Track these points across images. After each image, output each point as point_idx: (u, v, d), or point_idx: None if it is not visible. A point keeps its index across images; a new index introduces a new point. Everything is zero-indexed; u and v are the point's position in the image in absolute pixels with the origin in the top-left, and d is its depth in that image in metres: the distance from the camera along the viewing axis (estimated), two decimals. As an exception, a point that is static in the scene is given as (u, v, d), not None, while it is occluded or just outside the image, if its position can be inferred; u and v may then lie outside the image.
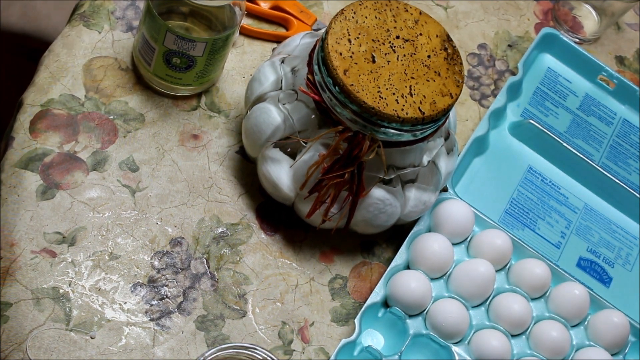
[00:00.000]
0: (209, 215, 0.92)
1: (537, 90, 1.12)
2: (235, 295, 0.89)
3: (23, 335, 0.82)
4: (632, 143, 1.13)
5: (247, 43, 1.03)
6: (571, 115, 1.12)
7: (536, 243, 1.02)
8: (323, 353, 0.89)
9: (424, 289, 0.91)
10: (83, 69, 0.96)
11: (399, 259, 0.93)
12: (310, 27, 1.05)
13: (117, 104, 0.95)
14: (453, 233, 0.95)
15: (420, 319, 0.91)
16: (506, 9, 1.17)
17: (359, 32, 0.84)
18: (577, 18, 1.18)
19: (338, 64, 0.81)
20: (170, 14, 0.91)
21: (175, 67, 0.92)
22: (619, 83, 1.14)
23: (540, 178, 1.07)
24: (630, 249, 1.06)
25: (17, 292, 0.83)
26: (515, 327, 0.93)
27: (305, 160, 0.86)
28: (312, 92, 0.84)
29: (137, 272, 0.87)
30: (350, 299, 0.93)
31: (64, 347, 0.82)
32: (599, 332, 0.95)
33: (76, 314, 0.84)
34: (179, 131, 0.95)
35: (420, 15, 0.87)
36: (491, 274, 0.93)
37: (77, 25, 0.98)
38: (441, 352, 0.90)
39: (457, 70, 0.85)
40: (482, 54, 1.13)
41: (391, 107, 0.81)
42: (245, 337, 0.87)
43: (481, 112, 1.09)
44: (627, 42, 1.22)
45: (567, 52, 1.14)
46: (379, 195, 0.87)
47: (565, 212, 1.06)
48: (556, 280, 0.97)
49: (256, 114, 0.89)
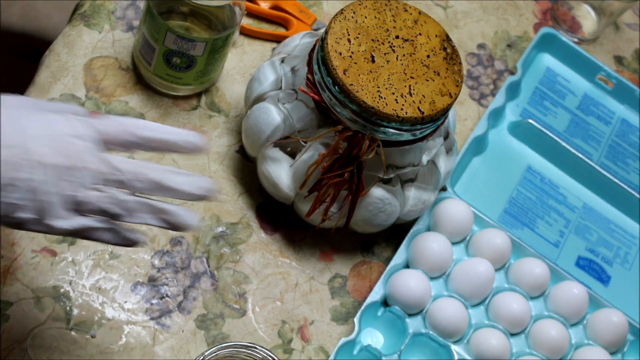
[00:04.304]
0: (208, 214, 0.92)
1: (536, 90, 1.12)
2: (235, 294, 0.89)
3: (24, 334, 0.82)
4: (630, 142, 1.13)
5: (247, 43, 1.04)
6: (570, 115, 1.12)
7: (535, 242, 1.02)
8: (323, 352, 0.89)
9: (424, 288, 0.91)
10: (84, 68, 0.96)
11: (398, 258, 0.93)
12: (310, 26, 1.05)
13: (117, 104, 0.95)
14: (452, 232, 0.95)
15: (419, 318, 0.91)
16: (505, 8, 1.17)
17: (359, 32, 0.84)
18: (576, 18, 1.18)
19: (338, 63, 0.81)
20: (171, 13, 0.91)
21: (176, 66, 0.92)
22: (618, 83, 1.14)
23: (539, 177, 1.07)
24: (629, 248, 1.06)
25: (18, 291, 0.83)
26: (515, 326, 0.93)
27: (305, 160, 0.86)
28: (311, 91, 0.84)
29: (137, 271, 0.87)
30: (350, 298, 0.93)
31: (64, 346, 0.82)
32: (598, 331, 0.95)
33: (76, 313, 0.84)
34: (179, 131, 0.96)
35: (419, 15, 0.87)
36: (490, 273, 0.93)
37: (77, 25, 0.98)
38: (440, 351, 0.90)
39: (456, 69, 0.85)
40: (482, 53, 1.13)
41: (390, 107, 0.81)
42: (245, 336, 0.87)
43: (480, 112, 1.09)
44: (626, 41, 1.22)
45: (566, 51, 1.14)
46: (379, 194, 0.87)
47: (564, 212, 1.06)
48: (555, 279, 0.97)
49: (256, 114, 0.89)
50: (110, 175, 0.64)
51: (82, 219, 0.64)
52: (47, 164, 0.62)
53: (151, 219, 0.66)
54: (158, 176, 0.65)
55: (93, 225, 0.65)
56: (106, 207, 0.64)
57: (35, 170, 0.62)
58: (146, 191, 0.66)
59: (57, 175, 0.62)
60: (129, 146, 0.65)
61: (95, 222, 0.65)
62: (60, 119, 0.64)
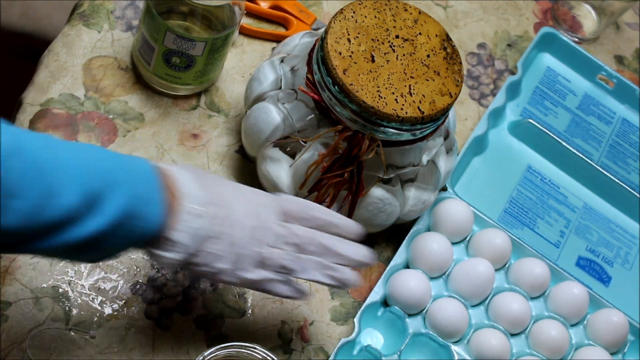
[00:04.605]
0: (208, 214, 0.92)
1: (537, 90, 1.12)
2: (234, 294, 0.89)
3: (23, 335, 0.82)
4: (631, 142, 1.13)
5: (246, 42, 1.03)
6: (570, 115, 1.12)
7: (535, 242, 1.02)
8: (322, 352, 0.89)
9: (424, 288, 0.91)
10: (83, 68, 0.96)
11: (398, 258, 0.93)
12: (309, 26, 1.05)
13: (116, 104, 0.95)
14: (452, 232, 0.95)
15: (419, 318, 0.91)
16: (505, 8, 1.17)
17: (359, 32, 0.84)
18: (576, 17, 1.18)
19: (337, 63, 0.81)
20: (170, 13, 0.91)
21: (175, 66, 0.92)
22: (618, 82, 1.14)
23: (539, 177, 1.07)
24: (629, 248, 1.06)
25: (17, 291, 0.83)
26: (515, 327, 0.93)
27: (304, 160, 0.86)
28: (311, 91, 0.84)
29: (136, 272, 0.87)
30: (350, 298, 0.93)
31: (63, 346, 0.82)
32: (598, 331, 0.95)
33: (76, 313, 0.84)
34: (179, 130, 0.96)
35: (419, 15, 0.87)
36: (490, 273, 0.93)
37: (76, 24, 0.98)
38: (440, 352, 0.90)
39: (456, 69, 0.85)
40: (482, 53, 1.13)
41: (390, 107, 0.81)
42: (245, 336, 0.87)
43: (480, 112, 1.09)
44: (626, 41, 1.22)
45: (567, 51, 1.14)
46: (379, 194, 0.87)
47: (564, 212, 1.06)
48: (555, 279, 0.97)
49: (256, 114, 0.89)
50: (289, 238, 0.75)
51: (264, 272, 0.75)
52: (244, 224, 0.73)
53: (321, 275, 0.77)
54: (329, 243, 0.77)
55: (272, 278, 0.76)
56: (285, 263, 0.75)
57: (235, 228, 0.73)
58: (315, 254, 0.77)
59: (251, 234, 0.73)
60: (300, 220, 0.77)
61: (274, 275, 0.76)
62: (251, 190, 0.77)
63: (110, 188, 0.67)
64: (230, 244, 0.73)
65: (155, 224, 0.69)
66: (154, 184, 0.70)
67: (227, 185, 0.76)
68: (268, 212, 0.75)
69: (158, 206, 0.69)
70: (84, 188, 0.65)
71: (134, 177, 0.69)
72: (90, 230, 0.66)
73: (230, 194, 0.74)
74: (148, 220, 0.69)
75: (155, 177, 0.70)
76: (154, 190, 0.70)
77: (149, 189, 0.69)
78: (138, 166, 0.70)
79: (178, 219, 0.70)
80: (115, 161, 0.70)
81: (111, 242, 0.68)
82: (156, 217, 0.69)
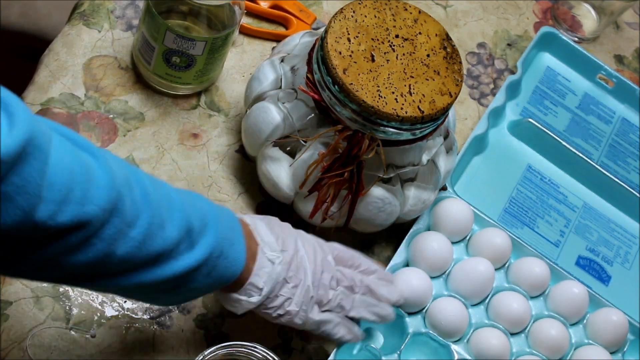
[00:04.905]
0: (208, 214, 0.92)
1: (536, 89, 1.12)
2: (235, 293, 0.89)
3: (23, 334, 0.82)
4: (631, 142, 1.13)
5: (246, 42, 1.03)
6: (570, 114, 1.12)
7: (535, 242, 1.02)
8: (322, 352, 0.89)
9: (424, 287, 0.91)
10: (83, 67, 0.96)
11: (398, 257, 0.93)
12: (309, 26, 1.05)
13: (117, 103, 0.95)
14: (452, 232, 0.95)
15: (419, 317, 0.91)
16: (505, 8, 1.17)
17: (359, 31, 0.84)
18: (576, 17, 1.18)
19: (337, 63, 0.81)
20: (170, 13, 0.91)
21: (175, 66, 0.92)
22: (618, 82, 1.14)
23: (539, 177, 1.07)
24: (629, 247, 1.06)
25: (17, 291, 0.83)
26: (515, 326, 0.93)
27: (304, 159, 0.86)
28: (311, 91, 0.84)
29: (137, 271, 0.87)
30: (350, 298, 0.93)
31: (64, 346, 0.82)
32: (598, 331, 0.95)
33: (76, 312, 0.84)
34: (179, 130, 0.96)
35: (419, 14, 0.87)
36: (490, 272, 0.93)
37: (77, 24, 0.98)
38: (440, 351, 0.90)
39: (456, 69, 0.85)
40: (482, 52, 1.13)
41: (390, 106, 0.81)
42: (245, 335, 0.87)
43: (480, 111, 1.09)
44: (626, 41, 1.22)
45: (567, 51, 1.14)
46: (379, 194, 0.87)
47: (564, 211, 1.06)
48: (555, 278, 0.97)
49: (256, 113, 0.89)
50: (344, 281, 0.81)
51: (326, 313, 0.80)
52: (311, 269, 0.79)
53: (366, 312, 0.82)
54: (372, 284, 0.83)
55: (333, 318, 0.81)
56: (342, 302, 0.80)
57: (303, 272, 0.78)
58: (359, 294, 0.82)
59: (317, 278, 0.79)
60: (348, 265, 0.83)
61: (334, 316, 0.81)
62: (310, 237, 0.82)
63: (204, 226, 0.71)
64: (299, 287, 0.78)
65: (239, 266, 0.74)
66: (238, 229, 0.75)
67: (292, 232, 0.81)
68: (328, 257, 0.81)
69: (242, 249, 0.74)
70: (184, 223, 0.69)
71: (222, 219, 0.73)
72: (184, 264, 0.69)
73: (296, 241, 0.80)
74: (233, 261, 0.73)
75: (239, 223, 0.75)
76: (238, 234, 0.74)
77: (234, 232, 0.74)
78: (224, 211, 0.75)
79: (259, 265, 0.76)
80: (205, 203, 0.74)
81: (197, 280, 0.71)
82: (240, 260, 0.74)
